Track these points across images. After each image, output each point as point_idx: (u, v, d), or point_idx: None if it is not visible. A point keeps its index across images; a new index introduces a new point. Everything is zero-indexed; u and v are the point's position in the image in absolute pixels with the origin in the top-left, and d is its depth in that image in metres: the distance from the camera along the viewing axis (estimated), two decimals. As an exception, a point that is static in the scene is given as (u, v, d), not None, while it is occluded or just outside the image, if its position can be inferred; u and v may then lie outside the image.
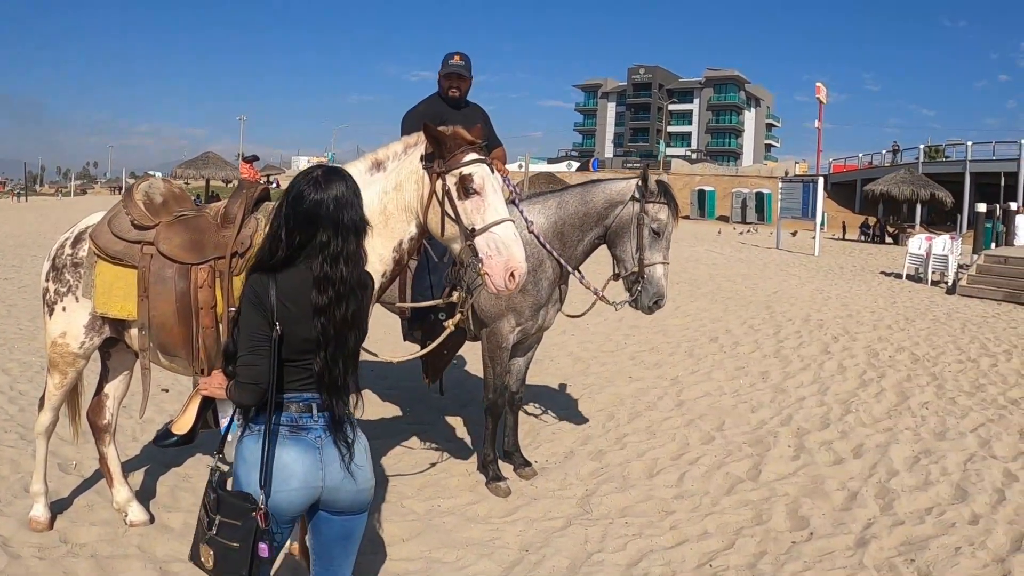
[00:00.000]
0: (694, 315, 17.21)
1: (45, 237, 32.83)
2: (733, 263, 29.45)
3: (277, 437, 3.56)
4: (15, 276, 20.88)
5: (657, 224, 6.92)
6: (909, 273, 26.15)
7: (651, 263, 6.92)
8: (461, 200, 4.83)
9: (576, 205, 7.18)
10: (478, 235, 4.79)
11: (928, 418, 9.72)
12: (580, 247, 7.21)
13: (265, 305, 3.54)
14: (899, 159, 66.19)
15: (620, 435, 8.87)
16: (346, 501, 3.70)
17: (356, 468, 3.68)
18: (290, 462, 3.54)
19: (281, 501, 3.53)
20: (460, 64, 7.62)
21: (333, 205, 3.62)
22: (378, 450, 8.02)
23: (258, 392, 3.54)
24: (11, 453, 7.66)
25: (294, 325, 3.55)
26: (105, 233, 5.40)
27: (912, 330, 16.14)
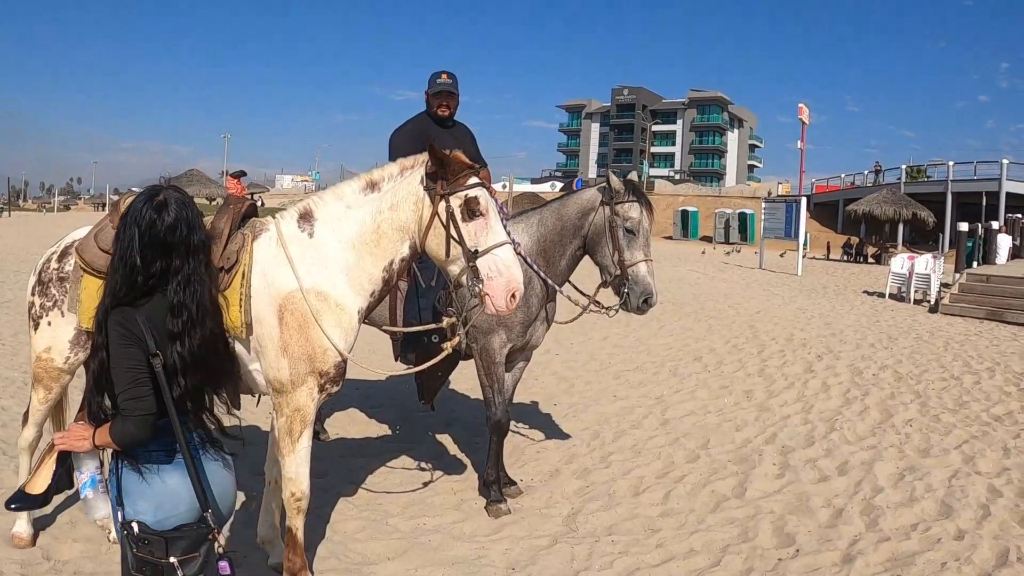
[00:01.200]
0: (678, 334, 17.24)
1: (28, 252, 32.72)
2: (716, 283, 29.52)
3: (152, 464, 3.50)
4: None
5: (630, 222, 6.82)
6: (892, 292, 26.27)
7: (633, 263, 6.84)
8: (465, 222, 4.93)
9: (553, 221, 7.17)
10: (480, 257, 4.89)
11: (912, 435, 9.74)
12: (563, 262, 7.16)
13: (139, 336, 3.45)
14: (881, 179, 66.61)
15: (605, 454, 8.86)
16: (223, 516, 3.72)
17: (228, 488, 3.73)
18: (176, 487, 3.51)
19: (172, 526, 3.49)
20: (448, 82, 7.62)
21: (182, 229, 3.59)
22: (363, 469, 8.05)
23: (150, 423, 3.44)
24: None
25: (162, 352, 3.49)
26: (91, 247, 5.38)
27: (895, 348, 16.20)
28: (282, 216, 5.29)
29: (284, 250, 5.03)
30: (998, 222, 38.01)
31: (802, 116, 58.48)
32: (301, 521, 5.29)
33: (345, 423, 9.71)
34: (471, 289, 5.04)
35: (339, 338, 5.05)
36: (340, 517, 6.91)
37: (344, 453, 8.56)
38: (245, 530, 6.29)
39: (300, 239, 5.12)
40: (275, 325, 4.97)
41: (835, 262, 46.92)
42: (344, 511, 7.05)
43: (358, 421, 9.86)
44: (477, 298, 5.09)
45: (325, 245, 5.10)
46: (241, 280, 4.99)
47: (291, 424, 5.10)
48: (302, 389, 5.04)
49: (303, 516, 5.29)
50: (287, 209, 5.40)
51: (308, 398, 5.07)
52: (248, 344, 5.07)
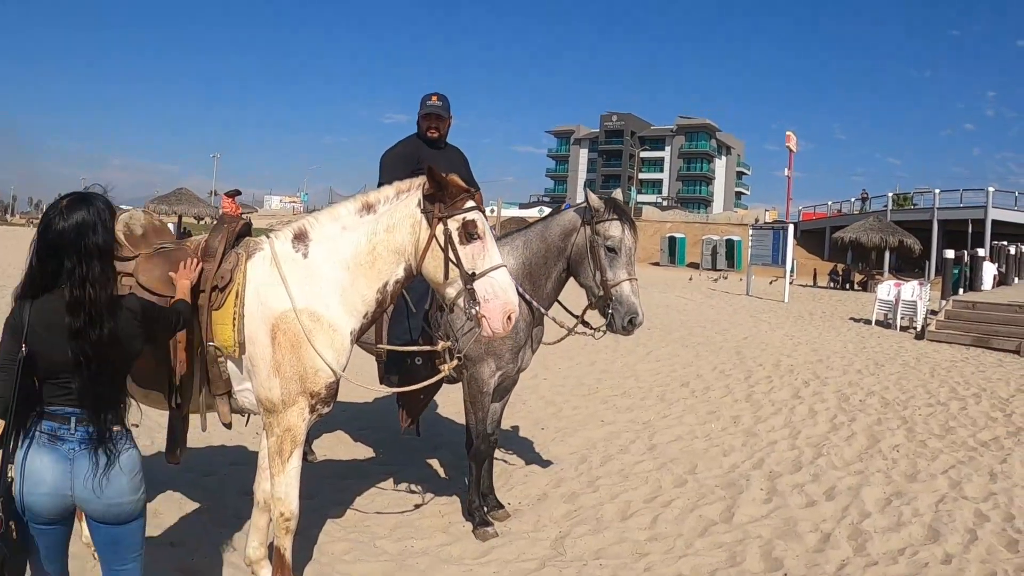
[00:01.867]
0: (665, 360, 17.24)
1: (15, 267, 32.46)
2: (704, 309, 29.56)
3: (35, 443, 3.78)
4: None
5: (611, 241, 6.74)
6: (878, 319, 26.35)
7: (616, 282, 6.73)
8: (463, 245, 5.00)
9: (538, 243, 7.11)
10: (478, 279, 4.94)
11: (899, 460, 9.77)
12: (549, 284, 7.11)
13: (18, 329, 3.75)
14: (868, 207, 66.88)
15: (593, 478, 8.86)
16: (98, 511, 3.85)
17: (107, 481, 3.80)
18: (41, 468, 3.74)
19: (33, 503, 3.74)
20: (438, 105, 7.61)
21: (75, 232, 3.76)
22: (351, 491, 8.02)
23: (3, 404, 3.69)
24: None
25: (45, 346, 3.74)
26: None
27: (882, 375, 16.25)
28: (276, 236, 5.31)
29: (278, 270, 5.05)
30: (984, 249, 38.15)
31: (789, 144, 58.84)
32: (290, 541, 5.29)
33: (333, 444, 9.70)
34: (467, 311, 5.07)
35: (331, 359, 5.06)
36: (328, 538, 6.89)
37: (332, 474, 8.54)
38: (232, 552, 6.28)
39: (294, 259, 5.14)
40: (267, 345, 4.98)
41: (822, 289, 46.99)
42: (332, 532, 7.03)
43: (346, 443, 9.84)
44: (472, 320, 5.13)
45: (319, 266, 5.12)
46: (235, 299, 5.00)
47: (281, 444, 5.10)
48: (293, 409, 5.05)
49: (292, 536, 5.29)
50: (281, 229, 5.42)
51: (299, 418, 5.08)
52: (240, 363, 5.08)
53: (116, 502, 3.84)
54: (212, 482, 8.01)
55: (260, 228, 5.75)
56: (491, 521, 7.29)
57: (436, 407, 11.16)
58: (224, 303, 5.02)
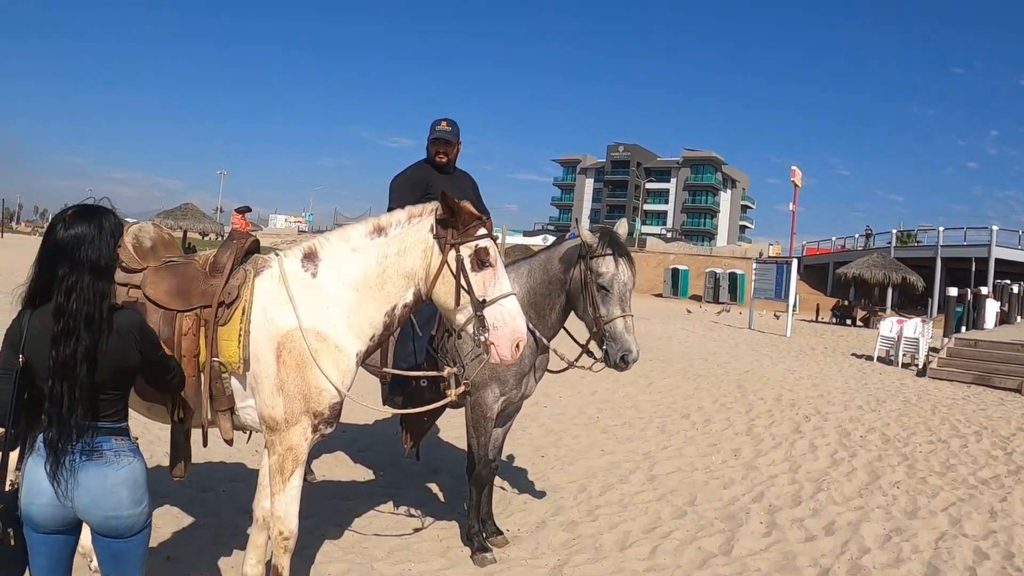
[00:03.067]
0: (667, 391, 17.21)
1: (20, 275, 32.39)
2: (705, 341, 29.51)
3: (36, 454, 3.80)
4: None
5: (602, 278, 6.59)
6: (880, 355, 26.30)
7: (609, 319, 6.61)
8: (474, 272, 5.05)
9: (540, 273, 7.04)
10: (488, 306, 4.99)
11: (899, 497, 9.74)
12: (553, 315, 7.03)
13: (16, 338, 3.82)
14: (872, 243, 66.92)
15: (592, 507, 8.83)
16: (97, 523, 3.85)
17: (100, 494, 3.81)
18: (42, 479, 3.75)
19: (34, 513, 3.77)
20: (447, 130, 7.61)
21: (72, 243, 3.81)
22: (349, 512, 8.01)
23: (1, 413, 3.77)
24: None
25: (41, 356, 3.76)
26: None
27: (883, 411, 16.21)
28: (286, 254, 5.32)
29: (286, 288, 5.06)
30: (987, 288, 38.16)
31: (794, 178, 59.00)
32: (287, 560, 5.27)
33: (332, 465, 9.69)
34: (475, 338, 5.10)
35: (336, 379, 5.06)
36: (325, 559, 6.88)
37: (331, 495, 8.53)
38: (230, 569, 6.27)
39: (303, 278, 5.15)
40: (272, 363, 4.99)
41: (824, 324, 46.96)
42: (329, 553, 7.02)
43: (345, 464, 9.83)
44: (480, 347, 5.15)
45: (328, 286, 5.13)
46: (241, 316, 5.01)
47: (283, 462, 5.10)
48: (296, 428, 5.04)
49: (289, 555, 5.27)
50: (291, 248, 5.43)
51: (301, 437, 5.07)
52: (244, 380, 5.08)
53: (114, 515, 3.83)
54: (211, 498, 8.01)
55: (265, 246, 5.76)
56: (490, 547, 7.26)
57: (437, 431, 11.15)
58: (230, 319, 5.03)
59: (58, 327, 3.72)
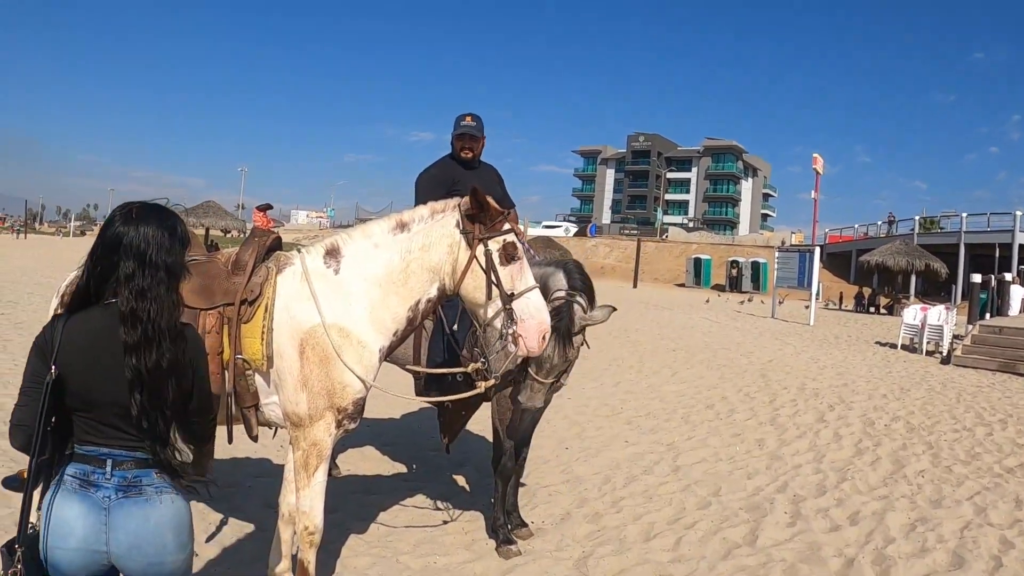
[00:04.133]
0: (690, 382, 17.20)
1: (42, 275, 33.01)
2: (728, 331, 29.44)
3: (63, 488, 3.29)
4: (11, 312, 20.87)
5: None
6: (904, 343, 26.20)
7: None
8: (503, 266, 5.08)
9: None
10: (515, 299, 5.05)
11: (924, 486, 9.72)
12: None
13: (46, 349, 3.27)
14: (895, 230, 66.49)
15: (616, 498, 8.84)
16: (137, 572, 3.33)
17: (143, 538, 3.30)
18: (71, 519, 3.25)
19: (59, 559, 3.25)
20: (472, 125, 7.61)
21: (140, 239, 3.33)
22: (374, 506, 8.04)
23: (25, 435, 3.29)
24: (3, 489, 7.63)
25: (85, 372, 3.26)
26: None
27: (907, 399, 16.17)
28: (308, 251, 5.35)
29: (308, 285, 5.08)
30: (1011, 274, 37.92)
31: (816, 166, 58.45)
32: (313, 555, 5.30)
33: (357, 460, 9.72)
34: (503, 331, 5.15)
35: (360, 375, 5.08)
36: (351, 553, 6.91)
37: (356, 489, 8.57)
38: (256, 564, 6.30)
39: (325, 275, 5.17)
40: (295, 359, 5.01)
41: (847, 312, 46.78)
42: (355, 547, 7.06)
43: (370, 458, 9.87)
44: (506, 340, 5.19)
45: (350, 282, 5.15)
46: (264, 313, 5.04)
47: (307, 458, 5.13)
48: (320, 424, 5.07)
49: (316, 550, 5.30)
50: (313, 244, 5.46)
51: (325, 433, 5.10)
52: (268, 377, 5.11)
53: (157, 561, 3.34)
54: (237, 494, 8.04)
55: (287, 243, 5.77)
56: (514, 539, 7.27)
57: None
58: (253, 316, 5.05)
59: (135, 334, 3.22)
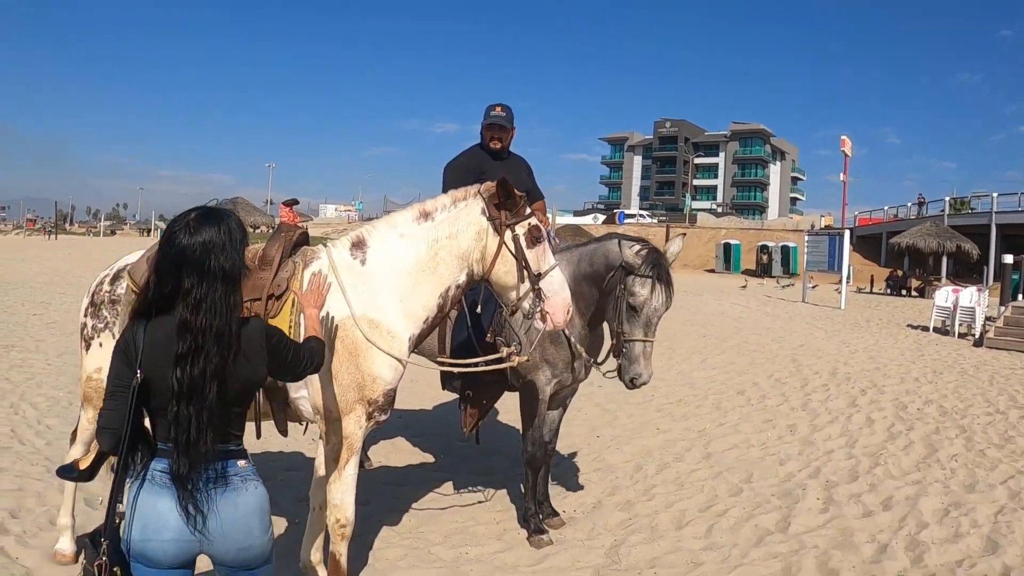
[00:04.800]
0: (721, 368, 17.18)
1: (74, 276, 33.25)
2: (759, 316, 29.33)
3: (154, 484, 3.46)
4: (43, 312, 21.14)
5: (634, 299, 6.38)
6: (936, 326, 26.02)
7: (630, 339, 6.46)
8: (529, 248, 5.18)
9: (586, 264, 6.85)
10: (543, 279, 5.16)
11: (957, 470, 9.65)
12: (598, 305, 6.88)
13: (130, 352, 3.47)
14: (925, 212, 65.92)
15: (648, 486, 8.85)
16: (228, 558, 3.58)
17: (232, 525, 3.52)
18: (165, 512, 3.44)
19: (154, 551, 3.45)
20: (501, 115, 7.62)
21: (200, 250, 3.47)
22: (406, 496, 8.07)
23: (114, 438, 3.44)
24: (37, 486, 7.74)
25: (161, 373, 3.44)
26: (143, 271, 5.46)
27: (940, 383, 16.06)
28: (334, 244, 5.39)
29: (335, 278, 5.10)
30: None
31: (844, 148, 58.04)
32: (345, 547, 5.34)
33: (388, 451, 9.76)
34: (531, 310, 5.23)
35: (389, 366, 5.11)
36: (383, 544, 6.94)
37: (387, 481, 8.60)
38: (288, 557, 6.33)
39: (352, 267, 5.20)
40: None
41: (878, 295, 46.48)
42: (387, 538, 7.09)
43: (401, 450, 9.91)
44: (533, 318, 5.29)
45: (378, 273, 5.18)
46: (291, 308, 5.07)
47: (338, 451, 5.16)
48: (350, 417, 5.10)
49: (347, 542, 5.34)
50: (339, 238, 5.49)
51: (356, 426, 5.12)
52: None
53: (247, 545, 3.57)
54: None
55: (315, 236, 5.82)
56: (546, 529, 7.29)
57: (496, 414, 11.18)
58: (280, 311, 5.09)
59: (184, 345, 3.40)
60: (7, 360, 14.23)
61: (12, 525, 6.82)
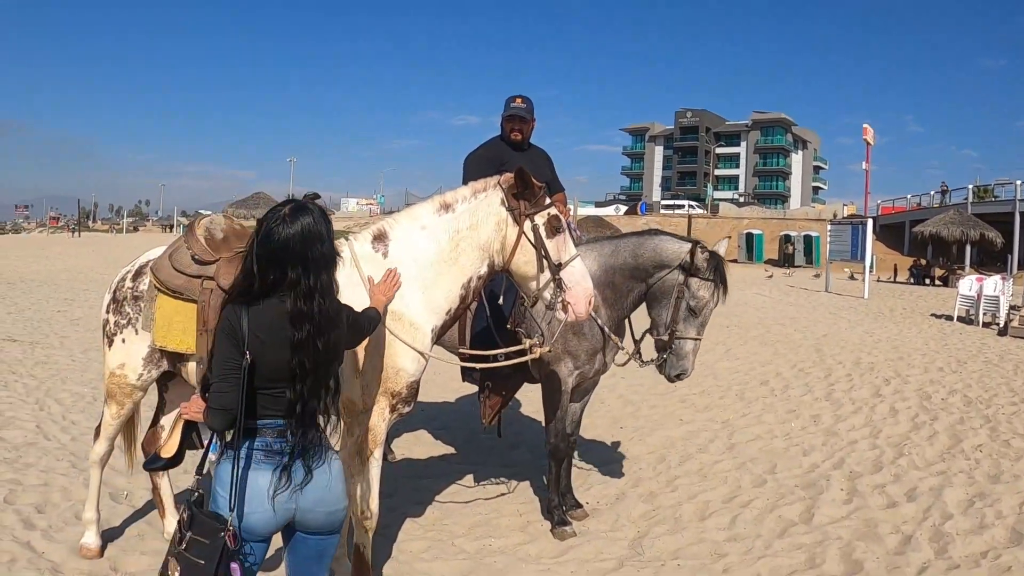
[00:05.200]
0: (744, 358, 17.14)
1: (97, 272, 33.45)
2: (782, 306, 29.25)
3: (251, 461, 3.68)
4: (68, 309, 21.31)
5: (696, 302, 6.68)
6: (960, 315, 25.84)
7: (683, 336, 6.74)
8: (549, 238, 5.18)
9: (627, 257, 6.96)
10: (563, 269, 5.15)
11: (982, 461, 9.60)
12: (630, 298, 7.05)
13: (237, 336, 3.64)
14: (948, 200, 65.46)
15: (671, 477, 8.85)
16: (317, 522, 3.84)
17: (326, 491, 3.81)
18: (265, 485, 3.66)
19: (256, 522, 3.67)
20: (522, 107, 7.63)
21: (300, 241, 3.71)
22: (429, 489, 8.09)
23: (228, 418, 3.61)
24: (63, 481, 7.81)
25: (267, 355, 3.66)
26: (166, 267, 5.50)
27: (964, 372, 15.96)
28: (355, 238, 5.40)
29: (358, 270, 5.12)
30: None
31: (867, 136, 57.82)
32: (369, 539, 5.37)
33: (411, 444, 9.78)
34: (553, 301, 5.22)
35: (412, 358, 5.13)
36: (406, 536, 6.97)
37: (410, 473, 8.63)
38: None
39: (374, 259, 5.22)
40: (348, 346, 5.06)
41: (902, 285, 46.27)
42: (410, 531, 7.12)
43: (424, 442, 9.93)
44: (555, 309, 5.26)
45: (399, 265, 5.19)
46: (314, 302, 5.08)
47: (362, 443, 5.19)
48: (374, 409, 5.12)
49: (371, 534, 5.37)
50: (360, 231, 5.50)
51: (379, 418, 5.15)
52: None
53: (334, 508, 3.89)
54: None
55: (337, 230, 5.83)
56: (569, 520, 7.30)
57: (517, 406, 11.20)
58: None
59: (304, 330, 3.68)
60: (32, 357, 14.37)
61: (38, 520, 6.89)
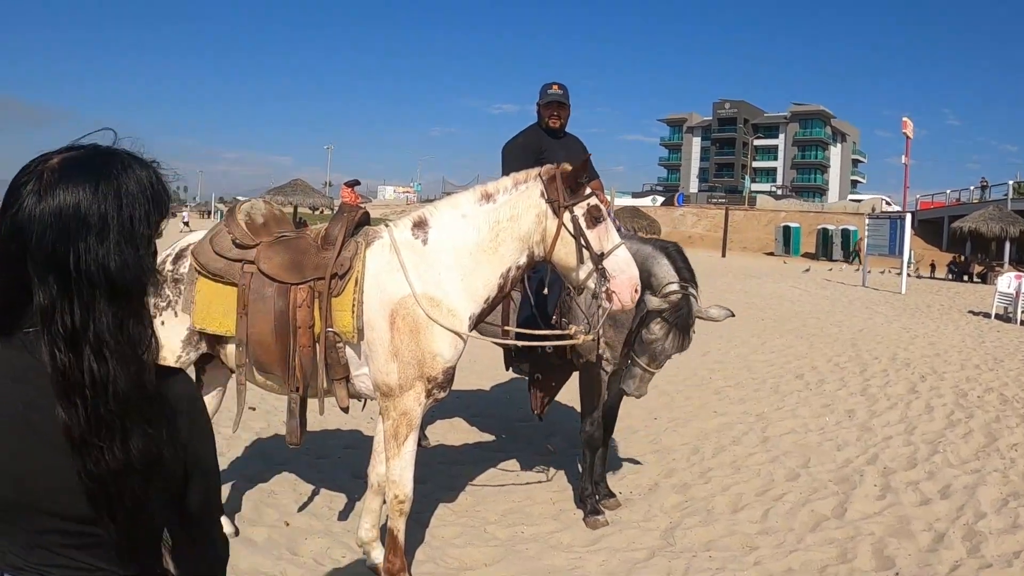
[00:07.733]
0: (779, 351, 17.08)
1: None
2: (818, 300, 29.12)
3: None
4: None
5: (648, 334, 6.44)
6: (998, 312, 25.60)
7: (634, 362, 6.59)
8: (589, 229, 5.21)
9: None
10: (606, 258, 5.19)
11: (1017, 460, 9.52)
12: None
13: None
14: (987, 195, 64.86)
15: (705, 469, 8.84)
16: None
17: None
18: None
19: None
20: (559, 93, 7.65)
21: (58, 231, 1.74)
22: (463, 476, 8.13)
23: None
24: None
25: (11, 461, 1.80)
26: (207, 251, 5.54)
27: (1001, 370, 15.82)
28: (396, 224, 5.45)
29: (397, 257, 5.17)
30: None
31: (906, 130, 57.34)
32: (403, 523, 5.40)
33: (446, 430, 9.83)
34: (597, 290, 5.26)
35: (449, 343, 5.17)
36: (439, 522, 7.01)
37: (444, 460, 8.68)
38: (346, 533, 6.42)
39: (413, 246, 5.26)
40: (386, 330, 5.11)
41: (940, 280, 45.94)
42: (443, 516, 7.15)
43: (459, 429, 9.97)
44: (600, 299, 5.29)
45: (439, 252, 5.24)
46: (354, 286, 5.15)
47: (397, 428, 5.22)
48: (410, 394, 5.16)
49: (405, 519, 5.40)
50: (401, 218, 5.55)
51: (415, 402, 5.19)
52: (358, 349, 5.21)
53: None
54: (326, 464, 8.19)
55: (375, 218, 5.90)
56: (602, 510, 7.31)
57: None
58: (343, 290, 5.17)
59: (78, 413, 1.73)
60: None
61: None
